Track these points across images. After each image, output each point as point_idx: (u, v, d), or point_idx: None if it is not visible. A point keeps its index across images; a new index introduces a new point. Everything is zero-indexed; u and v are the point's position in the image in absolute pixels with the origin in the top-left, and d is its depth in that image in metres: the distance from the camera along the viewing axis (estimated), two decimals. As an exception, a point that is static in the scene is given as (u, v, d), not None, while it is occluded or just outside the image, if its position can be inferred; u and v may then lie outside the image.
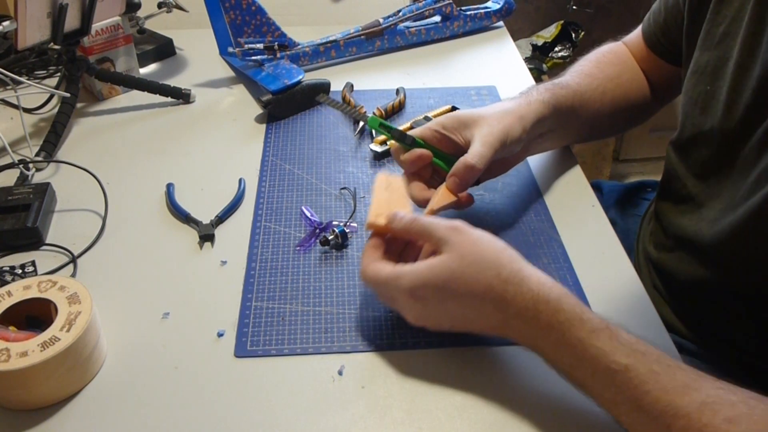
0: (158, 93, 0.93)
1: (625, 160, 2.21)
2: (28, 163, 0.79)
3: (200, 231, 0.70)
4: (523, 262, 0.52)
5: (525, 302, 0.49)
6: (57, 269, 0.66)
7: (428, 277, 0.51)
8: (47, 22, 0.81)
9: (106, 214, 0.72)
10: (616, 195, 0.94)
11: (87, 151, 0.84)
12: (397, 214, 0.57)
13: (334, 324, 0.60)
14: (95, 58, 0.92)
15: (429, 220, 0.55)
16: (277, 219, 0.72)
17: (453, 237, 0.52)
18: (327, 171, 0.79)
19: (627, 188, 0.95)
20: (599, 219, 0.73)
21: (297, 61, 0.99)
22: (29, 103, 0.91)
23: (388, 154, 0.82)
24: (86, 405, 0.53)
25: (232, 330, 0.59)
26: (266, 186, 0.77)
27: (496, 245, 0.52)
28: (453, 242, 0.52)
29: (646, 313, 0.62)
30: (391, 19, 1.05)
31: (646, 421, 0.44)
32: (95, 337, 0.55)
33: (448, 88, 0.97)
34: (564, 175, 0.79)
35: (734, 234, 0.61)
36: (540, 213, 0.73)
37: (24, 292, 0.56)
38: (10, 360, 0.50)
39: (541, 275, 0.51)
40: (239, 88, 0.98)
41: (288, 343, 0.58)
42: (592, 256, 0.67)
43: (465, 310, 0.52)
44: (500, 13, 1.14)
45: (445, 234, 0.53)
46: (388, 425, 0.52)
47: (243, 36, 0.95)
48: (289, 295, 0.63)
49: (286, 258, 0.67)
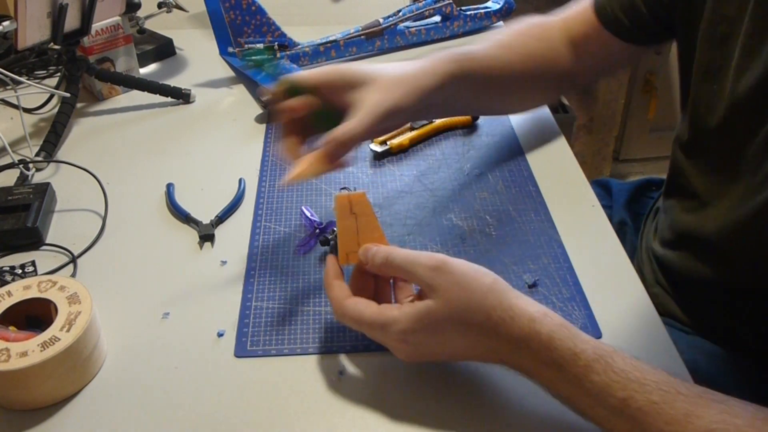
0: (158, 93, 0.93)
1: (625, 160, 2.21)
2: (28, 163, 0.79)
3: (200, 231, 0.70)
4: (513, 297, 0.50)
5: (518, 341, 0.48)
6: (57, 269, 0.66)
7: (415, 326, 0.49)
8: (47, 22, 0.81)
9: (106, 214, 0.72)
10: (626, 194, 0.93)
11: (87, 151, 0.84)
12: (369, 250, 0.54)
13: (334, 324, 0.60)
14: (95, 58, 0.92)
15: (406, 258, 0.51)
16: (277, 219, 0.72)
17: (436, 280, 0.49)
18: (327, 171, 0.79)
19: (634, 186, 0.95)
20: (599, 219, 0.73)
21: (297, 61, 0.99)
22: (29, 103, 0.91)
23: (388, 154, 0.82)
24: (86, 405, 0.53)
25: (232, 330, 0.59)
26: (266, 186, 0.77)
27: (483, 283, 0.50)
28: (437, 287, 0.49)
29: (647, 313, 0.62)
30: (391, 19, 1.05)
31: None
32: (95, 337, 0.55)
33: (448, 88, 0.97)
34: (564, 175, 0.79)
35: (740, 231, 0.61)
36: (540, 213, 0.73)
37: (24, 292, 0.56)
38: (10, 360, 0.50)
39: (532, 308, 0.49)
40: (239, 88, 0.98)
41: (288, 343, 0.58)
42: (592, 256, 0.67)
43: (459, 349, 0.51)
44: (500, 13, 1.14)
45: (427, 277, 0.50)
46: (389, 425, 0.52)
47: (243, 36, 0.95)
48: (289, 295, 0.63)
49: (286, 258, 0.67)
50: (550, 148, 0.84)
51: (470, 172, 0.79)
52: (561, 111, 1.92)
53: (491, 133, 0.86)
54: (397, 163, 0.81)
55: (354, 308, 0.52)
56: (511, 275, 0.65)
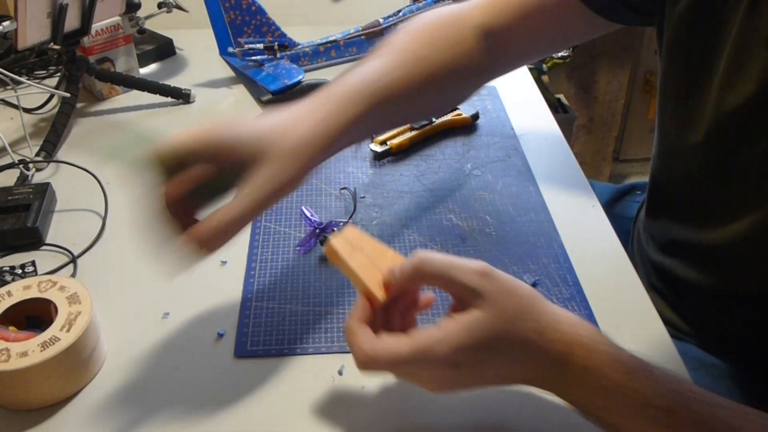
0: (158, 93, 0.93)
1: (625, 160, 2.21)
2: (28, 163, 0.79)
3: (200, 231, 0.70)
4: (553, 306, 0.47)
5: (560, 347, 0.45)
6: (57, 269, 0.66)
7: (467, 341, 0.44)
8: (47, 22, 0.81)
9: (106, 214, 0.72)
10: (605, 197, 0.93)
11: (87, 151, 0.84)
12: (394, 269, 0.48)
13: (334, 324, 0.60)
14: (95, 58, 0.92)
15: (444, 261, 0.46)
16: (277, 219, 0.72)
17: (486, 286, 0.45)
18: (327, 171, 0.79)
19: (617, 191, 0.94)
20: (599, 219, 0.73)
21: (297, 61, 0.99)
22: (29, 103, 0.91)
23: (388, 154, 0.82)
24: (86, 405, 0.53)
25: (232, 330, 0.59)
26: (266, 186, 0.77)
27: (529, 292, 0.47)
28: (488, 294, 0.45)
29: (647, 313, 0.62)
30: (391, 19, 1.05)
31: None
32: (95, 337, 0.55)
33: (448, 88, 0.97)
34: (564, 175, 0.79)
35: (743, 240, 0.59)
36: (540, 213, 0.73)
37: (24, 292, 0.56)
38: (10, 360, 0.50)
39: (572, 317, 0.47)
40: (239, 88, 0.98)
41: (288, 343, 0.58)
42: (592, 256, 0.67)
43: (500, 369, 0.46)
44: (500, 13, 1.14)
45: (476, 283, 0.45)
46: (389, 425, 0.52)
47: (243, 36, 0.95)
48: (289, 295, 0.63)
49: (286, 258, 0.67)
50: (550, 148, 0.84)
51: (470, 172, 0.79)
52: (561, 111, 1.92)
53: (491, 133, 0.86)
54: (397, 163, 0.81)
55: (386, 347, 0.45)
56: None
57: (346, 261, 0.48)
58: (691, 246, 0.67)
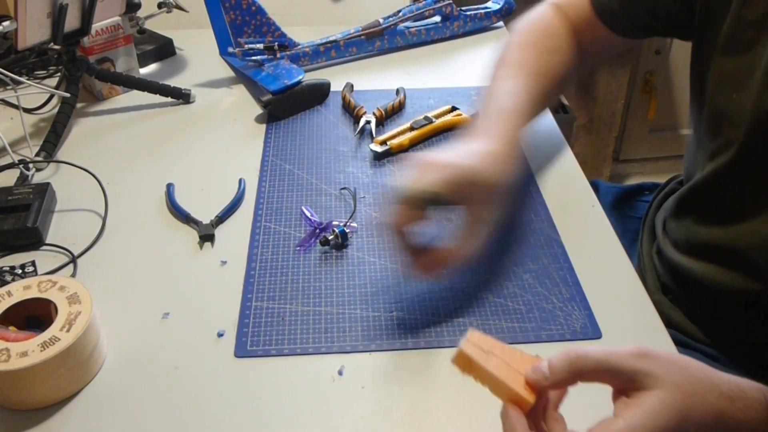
0: (158, 93, 0.93)
1: (625, 160, 2.21)
2: (28, 163, 0.79)
3: (200, 231, 0.70)
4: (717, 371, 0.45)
5: (754, 413, 0.43)
6: (57, 269, 0.66)
7: (660, 423, 0.41)
8: (47, 22, 0.81)
9: (106, 214, 0.72)
10: (612, 197, 0.93)
11: (87, 151, 0.84)
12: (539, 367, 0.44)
13: (334, 324, 0.60)
14: (95, 58, 0.92)
15: (599, 353, 0.43)
16: (277, 219, 0.72)
17: (654, 366, 0.42)
18: (327, 171, 0.79)
19: (624, 190, 0.94)
20: (599, 219, 0.73)
21: (297, 61, 0.99)
22: (29, 103, 0.91)
23: (389, 154, 0.82)
24: (86, 405, 0.53)
25: (232, 330, 0.59)
26: (266, 186, 0.77)
27: (694, 362, 0.44)
28: (659, 373, 0.42)
29: (648, 313, 0.62)
30: (391, 20, 1.05)
31: None
32: (95, 337, 0.55)
33: (449, 88, 0.97)
34: (564, 175, 0.79)
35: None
36: (540, 213, 0.73)
37: (24, 292, 0.56)
38: (10, 360, 0.50)
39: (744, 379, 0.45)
40: (239, 88, 0.98)
41: (288, 343, 0.58)
42: (592, 256, 0.67)
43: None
44: (500, 14, 1.14)
45: (641, 366, 0.42)
46: (388, 425, 0.52)
47: (243, 36, 0.95)
48: (289, 295, 0.63)
49: (286, 258, 0.67)
50: (550, 149, 0.84)
51: (470, 172, 0.79)
52: (561, 111, 1.92)
53: (491, 133, 0.86)
54: (397, 163, 0.81)
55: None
56: (511, 275, 0.65)
57: (484, 368, 0.44)
58: (720, 248, 0.66)
